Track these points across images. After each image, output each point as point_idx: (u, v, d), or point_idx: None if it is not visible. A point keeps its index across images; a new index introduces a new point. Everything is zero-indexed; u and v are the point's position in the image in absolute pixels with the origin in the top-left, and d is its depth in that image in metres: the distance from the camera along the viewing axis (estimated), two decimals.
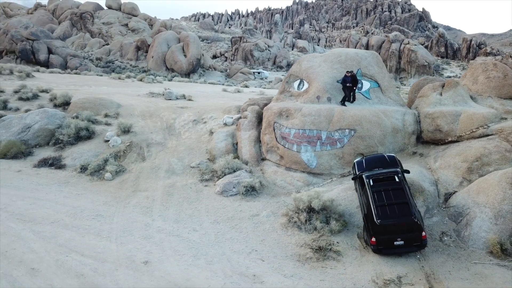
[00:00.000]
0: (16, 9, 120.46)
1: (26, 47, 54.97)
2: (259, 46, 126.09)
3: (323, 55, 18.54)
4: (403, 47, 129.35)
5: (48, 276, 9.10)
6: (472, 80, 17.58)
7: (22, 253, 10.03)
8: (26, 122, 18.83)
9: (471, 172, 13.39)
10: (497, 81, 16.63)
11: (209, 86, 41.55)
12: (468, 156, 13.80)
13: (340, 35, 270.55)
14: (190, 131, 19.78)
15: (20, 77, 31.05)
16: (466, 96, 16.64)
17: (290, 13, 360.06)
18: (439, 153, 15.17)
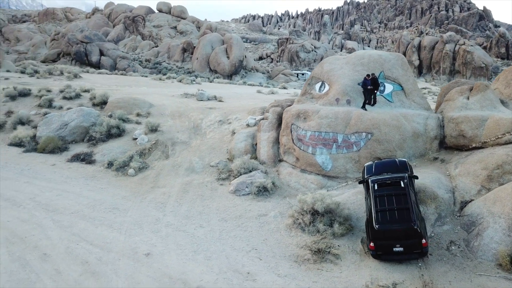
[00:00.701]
0: (76, 13, 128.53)
1: (80, 49, 58.63)
2: (305, 47, 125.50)
3: (346, 57, 18.36)
4: (458, 48, 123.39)
5: (57, 261, 9.89)
6: (504, 84, 16.67)
7: (39, 239, 10.94)
8: (64, 120, 20.27)
9: (491, 180, 12.76)
10: None
11: (246, 87, 42.14)
12: (489, 163, 13.15)
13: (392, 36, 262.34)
14: (214, 131, 20.33)
15: (68, 77, 33.29)
16: (495, 100, 15.81)
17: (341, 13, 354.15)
18: (461, 159, 14.54)
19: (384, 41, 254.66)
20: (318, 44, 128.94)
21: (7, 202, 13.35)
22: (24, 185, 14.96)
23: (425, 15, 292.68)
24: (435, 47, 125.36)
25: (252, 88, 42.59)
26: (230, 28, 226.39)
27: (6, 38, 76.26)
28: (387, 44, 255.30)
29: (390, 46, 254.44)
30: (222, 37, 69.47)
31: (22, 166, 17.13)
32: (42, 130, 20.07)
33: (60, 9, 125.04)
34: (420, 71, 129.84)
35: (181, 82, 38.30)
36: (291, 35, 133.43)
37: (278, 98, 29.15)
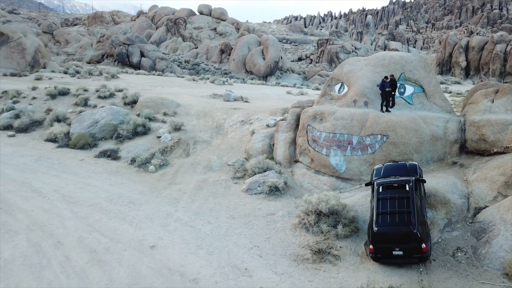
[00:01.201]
0: (122, 16, 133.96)
1: (122, 51, 61.21)
2: (345, 48, 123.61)
3: (366, 58, 18.15)
4: (510, 49, 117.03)
5: (68, 249, 10.60)
6: None
7: (56, 228, 11.75)
8: (95, 118, 21.42)
9: (508, 187, 12.24)
10: None
11: (278, 88, 42.33)
12: (507, 169, 12.61)
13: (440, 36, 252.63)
14: (236, 131, 20.71)
15: (106, 78, 34.99)
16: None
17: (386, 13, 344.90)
18: (481, 164, 14.01)
19: (431, 41, 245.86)
20: (359, 45, 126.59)
21: (34, 193, 14.38)
22: (52, 178, 16.01)
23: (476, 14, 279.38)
24: (485, 47, 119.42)
25: (284, 89, 42.69)
26: (270, 30, 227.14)
27: (56, 40, 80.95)
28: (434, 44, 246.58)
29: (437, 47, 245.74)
30: (259, 39, 70.00)
31: (53, 160, 18.31)
32: (75, 127, 21.32)
33: (108, 13, 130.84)
34: (468, 73, 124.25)
35: (213, 83, 39.10)
36: (331, 36, 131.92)
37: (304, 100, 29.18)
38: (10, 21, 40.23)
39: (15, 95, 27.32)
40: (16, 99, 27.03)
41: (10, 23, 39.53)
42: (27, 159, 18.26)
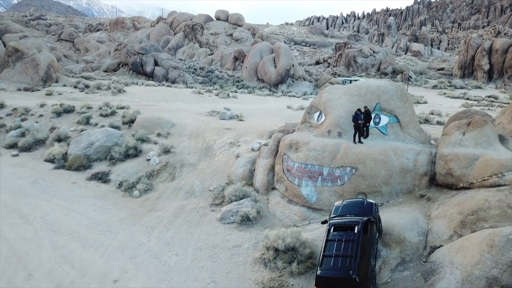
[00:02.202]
0: (143, 22, 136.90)
1: (136, 60, 62.86)
2: (363, 52, 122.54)
3: (345, 87, 18.50)
4: None
5: (37, 282, 11.51)
6: (509, 119, 15.87)
7: (32, 259, 12.70)
8: (91, 139, 22.51)
9: (464, 226, 12.43)
10: None
11: (283, 100, 42.74)
12: (465, 207, 12.80)
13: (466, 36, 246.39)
14: (223, 153, 21.38)
15: (113, 92, 36.30)
16: (493, 137, 15.13)
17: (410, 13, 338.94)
18: (446, 199, 14.21)
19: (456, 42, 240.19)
20: (377, 49, 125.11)
21: (21, 220, 15.45)
22: (42, 203, 17.08)
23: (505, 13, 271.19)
24: (509, 50, 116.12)
25: (289, 100, 43.11)
26: (290, 32, 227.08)
27: (77, 48, 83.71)
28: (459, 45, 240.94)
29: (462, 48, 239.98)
30: (272, 46, 70.45)
31: (47, 183, 19.44)
32: (72, 148, 22.47)
33: (129, 18, 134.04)
34: (491, 76, 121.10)
35: (218, 96, 39.91)
36: (349, 39, 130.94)
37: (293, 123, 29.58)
38: (27, 36, 42.13)
39: (24, 112, 28.81)
40: (24, 117, 28.52)
41: (26, 38, 41.46)
42: (23, 182, 19.44)
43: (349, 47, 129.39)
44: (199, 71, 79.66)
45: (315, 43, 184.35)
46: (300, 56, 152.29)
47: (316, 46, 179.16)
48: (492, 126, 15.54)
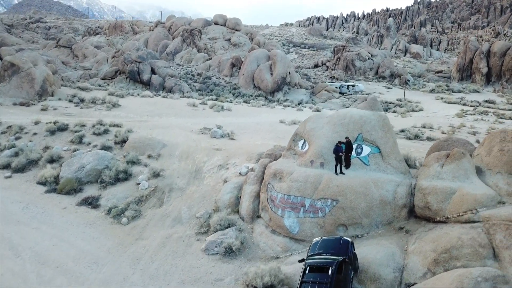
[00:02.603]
0: (141, 26, 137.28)
1: (133, 68, 63.26)
2: (361, 56, 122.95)
3: (329, 116, 18.82)
4: None
5: None
6: (487, 150, 16.19)
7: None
8: (82, 162, 22.90)
9: (437, 264, 12.79)
10: (511, 155, 15.11)
11: (277, 111, 43.10)
12: (439, 245, 13.16)
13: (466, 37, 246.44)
14: (212, 176, 21.75)
15: (108, 107, 36.67)
16: (470, 170, 15.47)
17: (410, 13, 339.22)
18: (423, 233, 14.57)
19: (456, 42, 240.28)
20: (376, 52, 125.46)
21: (10, 251, 15.84)
22: (32, 232, 17.47)
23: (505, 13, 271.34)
24: (507, 53, 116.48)
25: (283, 112, 43.49)
26: (290, 33, 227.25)
27: (75, 54, 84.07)
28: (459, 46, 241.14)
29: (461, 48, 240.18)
30: (268, 53, 70.78)
31: (38, 208, 19.83)
32: (64, 171, 22.85)
33: (128, 22, 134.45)
34: (489, 79, 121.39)
35: (212, 109, 40.26)
36: (347, 42, 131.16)
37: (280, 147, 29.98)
38: (24, 49, 42.48)
39: (18, 130, 29.18)
40: (19, 135, 28.90)
41: (23, 51, 41.84)
42: (15, 207, 19.83)
43: (347, 51, 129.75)
44: (197, 77, 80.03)
45: (314, 45, 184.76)
46: (298, 59, 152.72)
47: (315, 48, 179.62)
48: (469, 158, 15.87)
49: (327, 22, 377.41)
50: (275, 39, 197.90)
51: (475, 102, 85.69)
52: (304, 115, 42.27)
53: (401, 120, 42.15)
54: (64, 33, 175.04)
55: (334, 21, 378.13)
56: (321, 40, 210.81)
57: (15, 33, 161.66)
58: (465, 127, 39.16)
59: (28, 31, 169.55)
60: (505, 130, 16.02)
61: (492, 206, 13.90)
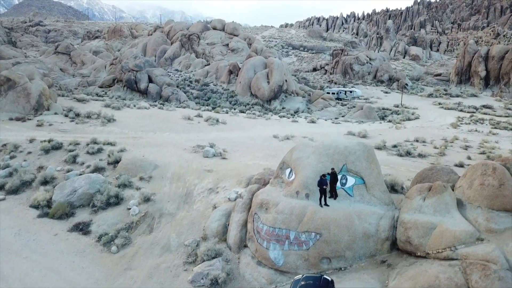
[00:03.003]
0: (140, 30, 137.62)
1: (131, 77, 63.57)
2: (359, 60, 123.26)
3: (315, 145, 19.06)
4: None
5: None
6: (468, 183, 16.43)
7: None
8: (74, 186, 23.20)
9: None
10: (491, 190, 15.37)
11: (270, 124, 43.34)
12: (417, 283, 13.42)
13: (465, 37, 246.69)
14: (202, 201, 22.03)
15: (103, 122, 36.96)
16: (451, 204, 15.73)
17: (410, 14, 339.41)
18: (404, 268, 14.83)
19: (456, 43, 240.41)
20: (374, 55, 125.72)
21: (0, 283, 16.14)
22: (22, 262, 17.76)
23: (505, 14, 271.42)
24: (505, 57, 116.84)
25: (278, 124, 43.76)
26: (289, 35, 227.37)
27: (73, 61, 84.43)
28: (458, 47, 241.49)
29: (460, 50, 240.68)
30: (265, 60, 71.07)
31: (30, 235, 20.12)
32: (57, 194, 23.15)
33: (127, 26, 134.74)
34: (487, 83, 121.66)
35: (207, 122, 40.55)
36: (346, 46, 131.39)
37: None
38: (20, 62, 42.77)
39: (13, 149, 29.49)
40: (14, 154, 29.21)
41: (19, 65, 42.13)
42: (7, 233, 20.13)
43: (346, 54, 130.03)
44: (195, 84, 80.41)
45: (313, 48, 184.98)
46: (297, 62, 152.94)
47: (314, 51, 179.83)
48: (451, 192, 16.13)
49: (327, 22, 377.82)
50: (274, 41, 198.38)
51: (472, 107, 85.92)
52: (299, 127, 42.63)
53: (395, 133, 42.40)
54: (64, 36, 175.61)
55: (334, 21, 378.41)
56: (320, 42, 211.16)
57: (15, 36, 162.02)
58: (458, 140, 39.43)
59: (27, 34, 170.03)
60: (486, 163, 16.26)
61: (470, 243, 14.17)
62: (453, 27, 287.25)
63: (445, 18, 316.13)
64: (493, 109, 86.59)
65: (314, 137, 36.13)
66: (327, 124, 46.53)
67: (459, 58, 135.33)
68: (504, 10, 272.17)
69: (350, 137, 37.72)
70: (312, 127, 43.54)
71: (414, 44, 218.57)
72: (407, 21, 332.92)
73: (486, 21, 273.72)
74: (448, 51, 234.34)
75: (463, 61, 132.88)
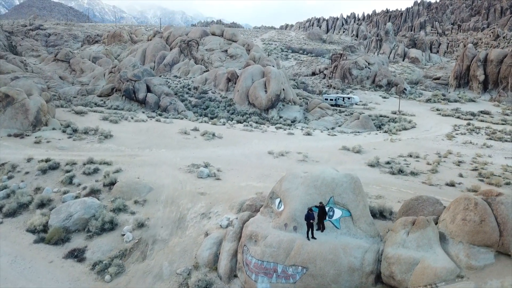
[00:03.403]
0: (140, 34, 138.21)
1: (129, 87, 64.03)
2: (358, 64, 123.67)
3: (303, 176, 19.49)
4: None
5: None
6: (451, 217, 16.86)
7: None
8: (70, 210, 23.68)
9: None
10: (472, 225, 15.80)
11: (266, 138, 43.76)
12: None
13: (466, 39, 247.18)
14: (194, 226, 22.49)
15: (100, 139, 37.45)
16: (434, 239, 16.17)
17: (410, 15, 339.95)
18: None
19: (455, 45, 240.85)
20: (373, 60, 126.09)
21: None
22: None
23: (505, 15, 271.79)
24: (504, 61, 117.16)
25: (274, 138, 44.22)
26: (289, 38, 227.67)
27: (73, 69, 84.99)
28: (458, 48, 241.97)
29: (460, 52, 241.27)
30: (263, 69, 71.49)
31: (26, 262, 20.59)
32: (53, 219, 23.63)
33: (126, 31, 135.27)
34: (486, 87, 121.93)
35: (203, 137, 41.02)
36: (345, 50, 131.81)
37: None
38: (19, 77, 43.26)
39: (10, 169, 29.99)
40: (11, 174, 29.70)
41: (18, 80, 42.64)
42: (4, 261, 20.61)
43: (344, 59, 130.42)
44: (193, 91, 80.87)
45: (313, 51, 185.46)
46: (296, 66, 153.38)
47: (314, 54, 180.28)
48: (434, 227, 16.56)
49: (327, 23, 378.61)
50: (273, 44, 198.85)
51: (470, 114, 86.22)
52: (294, 140, 43.10)
53: (389, 146, 42.80)
54: (64, 40, 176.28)
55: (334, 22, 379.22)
56: (320, 44, 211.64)
57: (15, 40, 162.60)
58: (452, 154, 39.83)
59: (28, 38, 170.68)
60: (468, 198, 16.68)
61: (451, 280, 14.61)
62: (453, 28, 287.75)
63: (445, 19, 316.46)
64: (490, 115, 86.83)
65: (309, 153, 36.62)
66: (323, 137, 46.95)
67: (458, 62, 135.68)
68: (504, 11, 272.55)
69: (345, 152, 38.16)
70: (307, 141, 43.99)
71: (414, 46, 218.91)
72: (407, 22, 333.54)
73: (486, 22, 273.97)
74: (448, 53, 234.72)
75: (461, 65, 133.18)
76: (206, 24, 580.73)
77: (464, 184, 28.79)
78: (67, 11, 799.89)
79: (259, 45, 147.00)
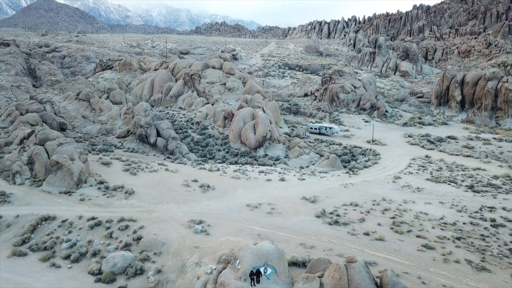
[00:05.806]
0: (148, 62, 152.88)
1: (142, 133, 78.64)
2: (344, 89, 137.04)
3: (252, 248, 33.61)
4: (500, 86, 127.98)
5: None
6: (327, 274, 30.93)
7: None
8: (115, 261, 38.08)
9: None
10: (335, 280, 29.84)
11: (248, 187, 57.94)
12: None
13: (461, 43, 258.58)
14: (191, 271, 36.75)
15: (126, 196, 52.03)
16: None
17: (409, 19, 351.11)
18: None
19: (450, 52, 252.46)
20: (358, 84, 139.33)
21: None
22: None
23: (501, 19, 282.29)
24: (478, 83, 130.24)
25: (255, 183, 58.40)
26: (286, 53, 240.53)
27: (92, 108, 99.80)
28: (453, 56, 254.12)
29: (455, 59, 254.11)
30: (253, 112, 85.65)
31: None
32: (104, 265, 38.08)
33: (135, 60, 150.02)
34: (463, 106, 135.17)
35: (200, 189, 55.43)
36: (333, 74, 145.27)
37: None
38: (62, 143, 57.72)
39: (69, 226, 44.55)
40: (70, 229, 44.27)
41: (62, 145, 57.17)
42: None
43: (333, 82, 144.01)
44: (196, 126, 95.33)
45: (308, 67, 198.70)
46: (291, 86, 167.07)
47: (309, 71, 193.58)
48: (317, 281, 30.68)
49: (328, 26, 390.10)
50: (272, 60, 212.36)
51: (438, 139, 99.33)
52: (269, 188, 57.22)
53: (340, 193, 56.56)
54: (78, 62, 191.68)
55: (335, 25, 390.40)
56: (316, 58, 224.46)
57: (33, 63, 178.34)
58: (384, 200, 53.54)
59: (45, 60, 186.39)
60: (338, 264, 30.67)
61: None
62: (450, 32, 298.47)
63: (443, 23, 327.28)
64: (456, 140, 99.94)
65: (276, 203, 50.76)
66: (293, 183, 60.96)
67: (439, 82, 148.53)
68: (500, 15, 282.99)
69: (303, 202, 52.19)
70: (280, 188, 57.99)
71: (407, 57, 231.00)
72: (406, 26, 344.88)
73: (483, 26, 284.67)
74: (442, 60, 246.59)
75: (442, 85, 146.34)
76: (211, 26, 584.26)
77: (377, 233, 42.39)
78: (73, 12, 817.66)
79: (255, 79, 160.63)
